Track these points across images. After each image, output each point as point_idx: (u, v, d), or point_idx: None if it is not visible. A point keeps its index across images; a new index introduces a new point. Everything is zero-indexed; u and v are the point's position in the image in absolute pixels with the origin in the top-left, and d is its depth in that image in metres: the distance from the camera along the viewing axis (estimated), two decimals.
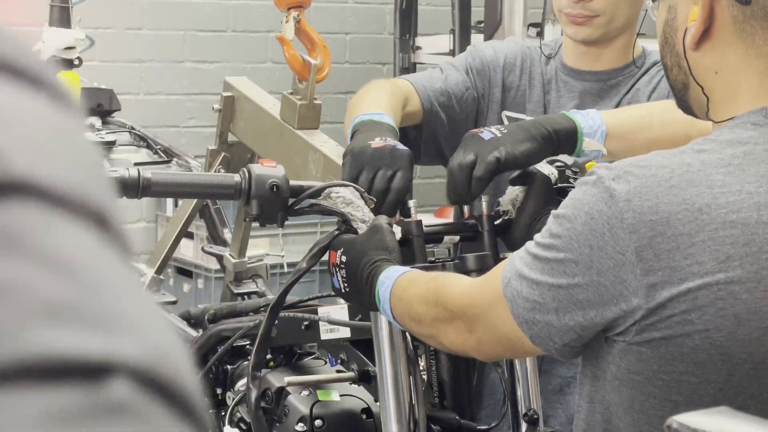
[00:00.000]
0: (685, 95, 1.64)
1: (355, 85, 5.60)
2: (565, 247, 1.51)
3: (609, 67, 2.51)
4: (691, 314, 1.46)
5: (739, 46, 1.55)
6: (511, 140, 2.06)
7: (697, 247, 1.45)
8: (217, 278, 4.72)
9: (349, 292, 1.91)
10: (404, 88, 2.45)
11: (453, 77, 2.52)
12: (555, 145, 2.11)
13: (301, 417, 2.18)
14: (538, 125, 2.11)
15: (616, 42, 2.49)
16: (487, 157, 2.02)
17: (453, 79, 2.52)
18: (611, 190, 1.48)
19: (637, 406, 1.53)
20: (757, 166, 1.50)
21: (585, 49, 2.50)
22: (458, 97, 2.51)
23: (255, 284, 2.82)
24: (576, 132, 2.14)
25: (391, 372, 1.93)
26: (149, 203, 5.11)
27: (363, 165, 2.04)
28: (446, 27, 4.89)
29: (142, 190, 1.92)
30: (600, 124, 2.18)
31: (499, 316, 1.59)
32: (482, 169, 2.02)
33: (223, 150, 2.70)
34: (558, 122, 2.14)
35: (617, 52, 2.50)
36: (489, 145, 2.04)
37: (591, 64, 2.52)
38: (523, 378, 2.06)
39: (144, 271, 2.80)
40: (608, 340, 1.54)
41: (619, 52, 2.50)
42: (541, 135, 2.09)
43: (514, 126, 2.11)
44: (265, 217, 1.95)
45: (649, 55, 2.52)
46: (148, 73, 5.09)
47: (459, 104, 2.51)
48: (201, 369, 2.42)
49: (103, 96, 3.18)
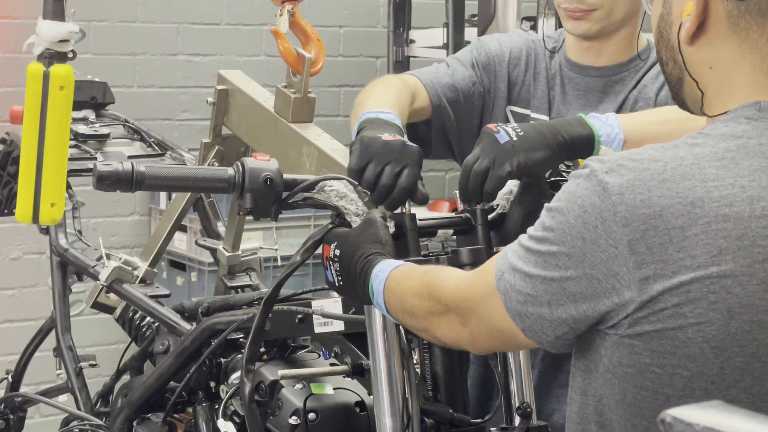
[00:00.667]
0: (680, 90, 1.64)
1: (348, 78, 5.60)
2: (557, 240, 1.51)
3: (612, 62, 2.51)
4: (684, 307, 1.46)
5: (734, 40, 1.55)
6: (527, 147, 2.04)
7: (690, 240, 1.45)
8: (210, 272, 4.72)
9: (343, 286, 1.91)
10: (412, 84, 2.44)
11: (460, 72, 2.52)
12: (570, 152, 2.11)
13: (294, 410, 2.19)
14: (556, 132, 2.09)
15: (617, 36, 2.49)
16: (500, 171, 2.01)
17: (460, 74, 2.52)
18: (604, 183, 1.49)
19: (629, 398, 1.54)
20: (750, 160, 1.50)
21: (587, 44, 2.50)
22: (465, 92, 2.51)
23: (249, 277, 2.82)
24: (593, 140, 2.13)
25: (385, 365, 1.94)
26: (142, 196, 5.10)
27: (372, 156, 2.04)
28: (440, 20, 4.89)
29: (135, 183, 1.92)
30: (618, 132, 2.17)
31: (493, 309, 1.59)
32: (492, 184, 2.02)
33: (216, 143, 2.70)
34: (575, 129, 2.12)
35: (620, 46, 2.50)
36: (504, 153, 2.02)
37: (594, 59, 2.52)
38: (516, 372, 2.06)
39: (138, 264, 2.80)
40: (600, 333, 1.54)
41: (621, 46, 2.50)
42: (557, 143, 2.08)
43: (531, 130, 2.08)
44: (259, 210, 1.95)
45: (654, 49, 2.50)
46: (141, 66, 5.08)
47: (466, 99, 2.52)
48: (194, 362, 2.42)
49: (97, 89, 3.18)
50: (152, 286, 2.78)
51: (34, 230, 4.02)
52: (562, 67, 2.55)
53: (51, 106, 2.52)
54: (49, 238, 2.99)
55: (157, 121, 4.93)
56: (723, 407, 0.92)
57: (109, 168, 1.90)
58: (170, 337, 2.61)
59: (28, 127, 2.53)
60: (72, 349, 2.91)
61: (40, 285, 4.90)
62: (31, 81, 2.54)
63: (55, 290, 2.96)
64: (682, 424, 0.89)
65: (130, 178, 1.91)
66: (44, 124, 2.52)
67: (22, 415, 3.17)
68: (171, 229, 2.85)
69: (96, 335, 4.84)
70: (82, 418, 2.77)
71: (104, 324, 4.71)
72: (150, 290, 2.74)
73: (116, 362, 2.89)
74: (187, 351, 2.44)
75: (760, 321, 1.47)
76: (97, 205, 4.72)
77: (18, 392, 3.20)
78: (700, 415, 0.90)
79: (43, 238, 3.09)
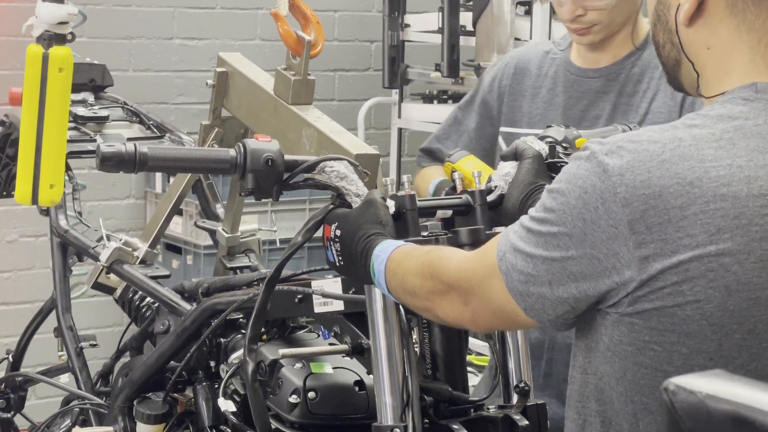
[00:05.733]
0: (677, 72, 1.66)
1: (343, 62, 5.61)
2: (558, 220, 1.53)
3: (612, 62, 2.67)
4: (683, 286, 1.48)
5: (731, 21, 1.57)
6: None
7: (689, 219, 1.48)
8: (206, 254, 4.73)
9: (344, 266, 1.92)
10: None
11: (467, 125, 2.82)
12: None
13: (294, 389, 2.21)
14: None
15: (619, 36, 2.65)
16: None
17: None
18: (604, 164, 1.51)
19: (629, 376, 1.56)
20: (747, 140, 1.52)
21: (591, 49, 2.68)
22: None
23: (248, 258, 2.84)
24: None
25: (385, 344, 1.95)
26: (138, 180, 5.12)
27: None
28: (435, 5, 4.90)
29: (138, 164, 1.93)
30: None
31: (494, 289, 1.61)
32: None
33: (216, 125, 2.71)
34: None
35: (620, 43, 2.66)
36: None
37: (595, 62, 2.69)
38: (515, 351, 2.09)
39: (138, 245, 2.81)
40: (601, 312, 1.57)
41: (621, 43, 2.66)
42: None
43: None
44: (260, 191, 1.96)
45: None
46: (137, 50, 5.09)
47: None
48: (195, 342, 2.44)
49: (96, 71, 3.19)
50: (152, 267, 2.79)
51: (29, 213, 4.03)
52: (566, 71, 2.71)
53: (50, 87, 2.53)
54: (49, 219, 3.01)
55: (153, 104, 4.94)
56: (725, 375, 0.94)
57: (113, 149, 1.91)
58: (170, 317, 2.63)
59: (28, 108, 2.54)
60: (72, 329, 2.92)
61: (35, 268, 4.91)
62: (30, 63, 2.55)
63: (56, 271, 2.98)
64: (685, 392, 0.92)
65: (134, 159, 1.92)
66: (43, 106, 2.53)
67: (23, 394, 3.19)
68: (171, 211, 2.86)
69: (94, 318, 4.86)
70: (82, 397, 2.79)
71: (102, 307, 4.73)
72: (150, 271, 2.76)
73: (115, 344, 2.91)
74: (187, 331, 2.46)
75: (757, 298, 1.49)
76: (93, 189, 4.73)
77: (19, 372, 3.21)
78: (703, 383, 0.93)
79: (38, 222, 3.10)
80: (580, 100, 2.67)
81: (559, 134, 2.17)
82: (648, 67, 2.63)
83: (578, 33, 2.62)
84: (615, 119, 2.61)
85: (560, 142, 2.15)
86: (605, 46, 2.65)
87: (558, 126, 2.20)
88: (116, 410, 2.56)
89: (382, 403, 1.95)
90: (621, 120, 2.58)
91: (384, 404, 1.94)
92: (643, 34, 2.65)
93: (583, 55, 2.70)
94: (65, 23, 2.63)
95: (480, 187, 2.06)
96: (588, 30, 2.60)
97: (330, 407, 2.21)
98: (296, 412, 2.20)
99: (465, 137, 2.78)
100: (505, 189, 2.09)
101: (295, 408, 2.20)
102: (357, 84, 5.59)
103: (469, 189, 2.07)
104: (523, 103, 2.73)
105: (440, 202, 2.08)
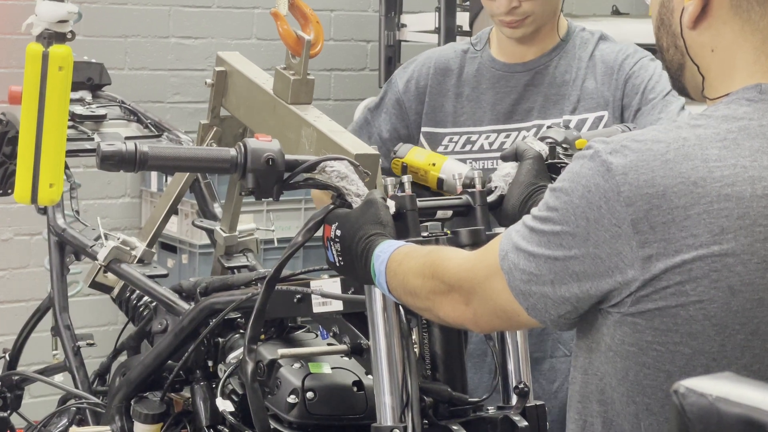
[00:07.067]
0: (681, 75, 1.66)
1: (339, 62, 5.61)
2: (561, 219, 1.53)
3: (538, 55, 2.73)
4: (686, 285, 1.48)
5: (735, 22, 1.57)
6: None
7: (692, 219, 1.48)
8: (201, 254, 4.72)
9: (344, 266, 1.92)
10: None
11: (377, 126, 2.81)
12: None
13: (293, 389, 2.20)
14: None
15: (544, 29, 2.72)
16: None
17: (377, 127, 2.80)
18: (608, 163, 1.51)
19: (631, 376, 1.56)
20: (752, 140, 1.52)
21: (519, 43, 2.72)
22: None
23: (245, 258, 2.83)
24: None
25: (385, 345, 1.95)
26: (134, 179, 5.11)
27: None
28: (431, 5, 4.90)
29: (139, 163, 1.93)
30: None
31: (496, 288, 1.61)
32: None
33: (215, 124, 2.71)
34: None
35: (545, 37, 2.72)
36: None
37: (521, 57, 2.74)
38: (514, 351, 2.09)
39: (136, 244, 2.81)
40: (603, 312, 1.56)
41: (546, 36, 2.72)
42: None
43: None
44: (260, 190, 1.96)
45: (572, 27, 2.76)
46: (132, 49, 5.08)
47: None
48: (192, 341, 2.44)
49: (94, 70, 3.18)
50: (150, 266, 2.79)
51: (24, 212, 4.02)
52: (489, 68, 2.75)
53: (50, 86, 2.53)
54: (47, 218, 3.00)
55: (149, 103, 4.93)
56: (735, 378, 0.94)
57: (113, 148, 1.91)
58: (168, 316, 2.63)
59: (27, 107, 2.54)
60: (70, 328, 2.92)
61: (30, 266, 4.90)
62: (30, 61, 2.55)
63: (53, 270, 2.97)
64: (695, 394, 0.91)
65: (134, 157, 1.92)
66: (43, 105, 2.53)
67: (19, 393, 3.19)
68: (169, 210, 2.86)
69: (91, 317, 4.85)
70: (79, 396, 2.78)
71: (99, 306, 4.72)
72: (148, 270, 2.76)
73: (112, 344, 2.90)
74: (185, 330, 2.45)
75: (760, 299, 1.49)
76: (88, 187, 4.72)
77: (15, 371, 3.21)
78: (713, 386, 0.92)
79: (33, 220, 3.09)
80: (509, 94, 2.72)
81: (559, 135, 2.17)
82: (574, 58, 2.71)
83: (511, 26, 2.66)
84: (547, 110, 2.68)
85: (560, 143, 2.15)
86: (532, 40, 2.70)
87: (558, 127, 2.20)
88: (113, 410, 2.56)
89: (382, 404, 1.94)
90: (552, 110, 2.67)
91: (383, 405, 1.94)
92: (565, 27, 2.75)
93: (508, 51, 2.74)
94: (65, 21, 2.63)
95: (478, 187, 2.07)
96: (521, 22, 2.64)
97: (328, 407, 2.21)
98: (294, 412, 2.19)
99: (375, 138, 2.78)
100: (506, 190, 2.10)
101: (294, 408, 2.20)
102: (353, 84, 5.58)
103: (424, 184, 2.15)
104: (446, 103, 2.75)
105: (440, 203, 2.09)
